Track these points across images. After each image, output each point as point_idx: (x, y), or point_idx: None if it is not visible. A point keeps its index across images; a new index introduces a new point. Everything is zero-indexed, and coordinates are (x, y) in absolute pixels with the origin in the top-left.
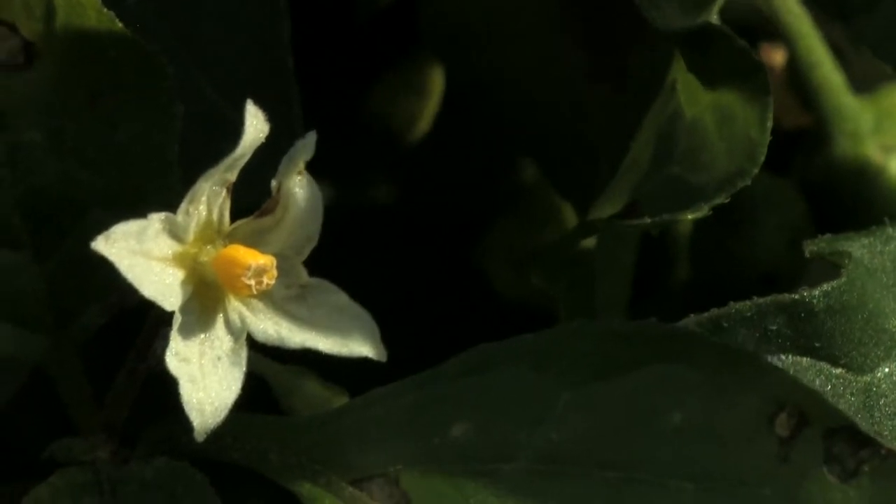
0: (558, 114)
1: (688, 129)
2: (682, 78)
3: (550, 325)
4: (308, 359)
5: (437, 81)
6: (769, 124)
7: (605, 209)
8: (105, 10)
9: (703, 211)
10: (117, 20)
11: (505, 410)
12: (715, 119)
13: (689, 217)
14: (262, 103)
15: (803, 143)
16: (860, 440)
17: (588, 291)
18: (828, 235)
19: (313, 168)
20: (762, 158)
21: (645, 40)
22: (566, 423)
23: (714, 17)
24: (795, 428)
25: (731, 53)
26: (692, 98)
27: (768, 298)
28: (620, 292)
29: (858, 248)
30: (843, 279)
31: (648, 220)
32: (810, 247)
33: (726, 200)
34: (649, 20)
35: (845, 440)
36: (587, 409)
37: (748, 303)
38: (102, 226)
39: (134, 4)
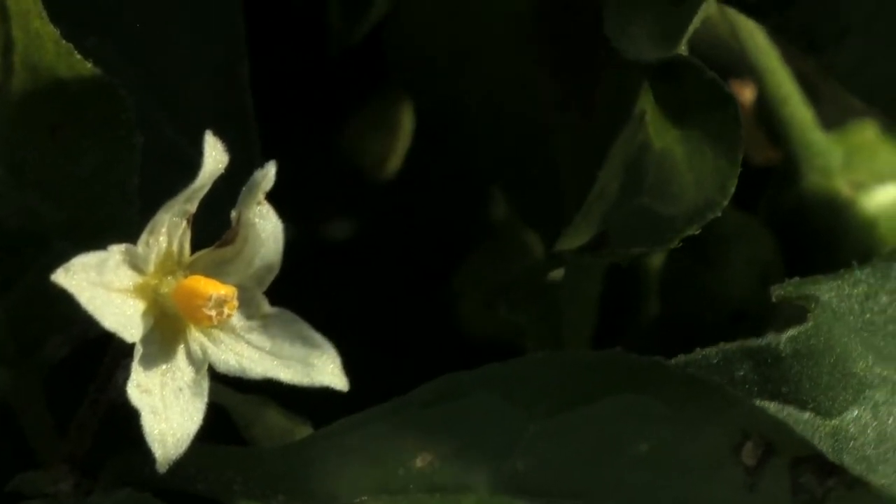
0: (526, 143)
1: (657, 160)
2: (651, 109)
3: None
4: (270, 389)
5: (407, 118)
6: (740, 156)
7: (573, 240)
8: (64, 42)
9: (672, 243)
10: (76, 53)
11: (471, 440)
12: (684, 151)
13: (659, 250)
14: (222, 137)
15: (772, 179)
16: (827, 469)
17: (555, 322)
18: (795, 279)
19: (281, 202)
20: (732, 190)
21: (614, 68)
22: (533, 452)
23: (683, 49)
24: (762, 457)
25: (702, 85)
26: (661, 129)
27: (735, 344)
28: (586, 323)
29: (826, 291)
30: (811, 323)
31: (617, 253)
32: (778, 291)
33: (697, 232)
34: (620, 51)
35: (812, 469)
36: (554, 438)
37: (715, 349)
38: (64, 258)
39: (95, 42)
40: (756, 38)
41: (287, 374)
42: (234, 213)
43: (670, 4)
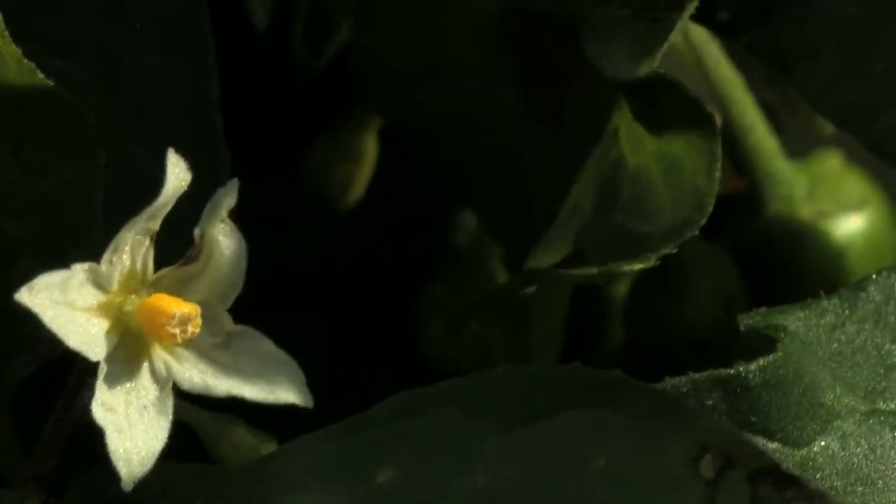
0: (495, 157)
1: (632, 177)
2: (625, 125)
3: None
4: (236, 406)
5: (371, 146)
6: (718, 174)
7: (546, 257)
8: (26, 61)
9: (650, 261)
10: (38, 72)
11: (432, 455)
12: (661, 168)
13: (636, 267)
14: (191, 158)
15: (737, 207)
16: (785, 480)
17: (524, 337)
18: (763, 309)
19: (245, 223)
20: (710, 209)
21: (582, 82)
22: (494, 468)
23: (657, 64)
24: (720, 470)
25: (681, 103)
26: (637, 146)
27: (704, 374)
28: (555, 339)
29: (794, 321)
30: (779, 353)
31: (595, 270)
32: (745, 320)
33: (674, 251)
34: (597, 68)
35: (770, 482)
36: (514, 453)
37: (684, 378)
38: (29, 276)
39: (62, 65)
40: (721, 68)
41: (251, 391)
42: (197, 231)
43: (648, 22)
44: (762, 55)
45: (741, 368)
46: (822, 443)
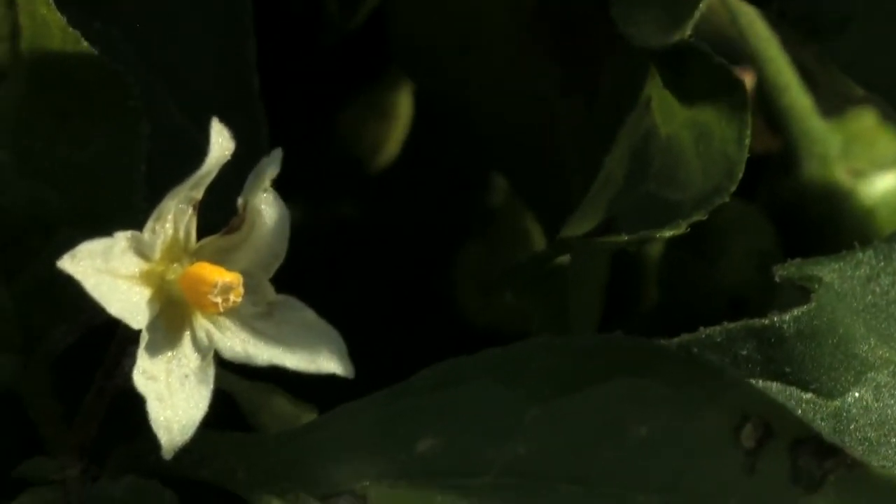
0: (529, 128)
1: (663, 146)
2: (657, 95)
3: None
4: (276, 375)
5: (405, 105)
6: (747, 142)
7: (580, 226)
8: (70, 29)
9: (680, 228)
10: (83, 40)
11: (472, 425)
12: (691, 136)
13: (667, 234)
14: (229, 123)
15: (771, 167)
16: (825, 450)
17: (561, 307)
18: (798, 260)
19: (282, 188)
20: (740, 176)
21: (616, 53)
22: (533, 437)
23: (688, 34)
24: (761, 439)
25: (710, 71)
26: (668, 115)
27: (738, 324)
28: (593, 308)
29: (829, 272)
30: (814, 304)
31: (626, 238)
32: (780, 271)
33: (704, 217)
34: (626, 37)
35: (811, 451)
36: (554, 422)
37: (718, 328)
38: (70, 245)
39: (100, 27)
40: (756, 27)
41: (293, 360)
42: (240, 200)
43: None
44: (793, 22)
45: (775, 319)
46: (856, 394)
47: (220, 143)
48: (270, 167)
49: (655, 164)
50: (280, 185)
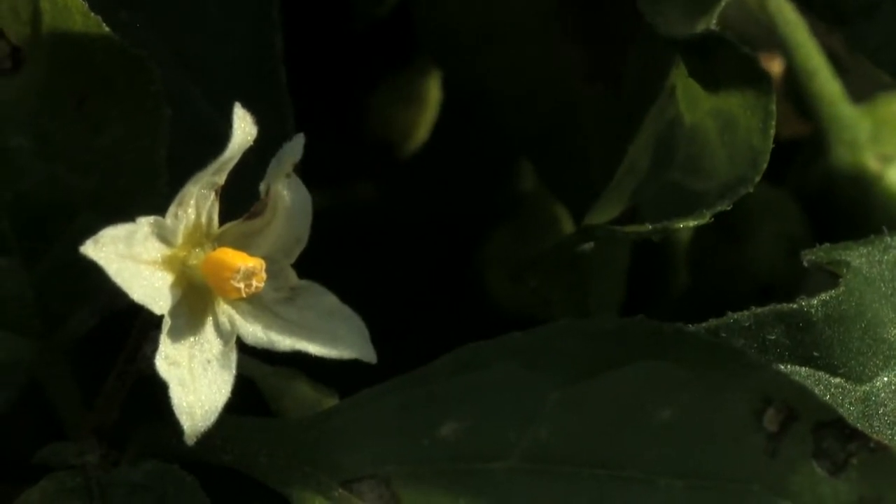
0: (554, 115)
1: (688, 135)
2: (682, 83)
3: None
4: (298, 361)
5: (434, 91)
6: (772, 132)
7: (603, 214)
8: (91, 14)
9: (704, 218)
10: (103, 24)
11: (494, 409)
12: (716, 126)
13: (691, 224)
14: (253, 110)
15: (800, 152)
16: (848, 434)
17: (583, 294)
18: (826, 245)
19: (308, 174)
20: (764, 166)
21: (640, 40)
22: (555, 421)
23: (714, 22)
24: (784, 423)
25: (735, 60)
26: (693, 104)
27: (767, 308)
28: (615, 294)
29: (857, 257)
30: (842, 288)
31: (649, 227)
32: (808, 256)
33: (728, 207)
34: (652, 26)
35: (834, 434)
36: (576, 406)
37: (746, 313)
38: (91, 230)
39: (126, 16)
40: (784, 12)
41: (315, 346)
42: (263, 186)
43: None
44: (819, 10)
45: (803, 303)
46: (885, 378)
47: (243, 128)
48: (292, 152)
49: (680, 152)
50: (309, 171)
